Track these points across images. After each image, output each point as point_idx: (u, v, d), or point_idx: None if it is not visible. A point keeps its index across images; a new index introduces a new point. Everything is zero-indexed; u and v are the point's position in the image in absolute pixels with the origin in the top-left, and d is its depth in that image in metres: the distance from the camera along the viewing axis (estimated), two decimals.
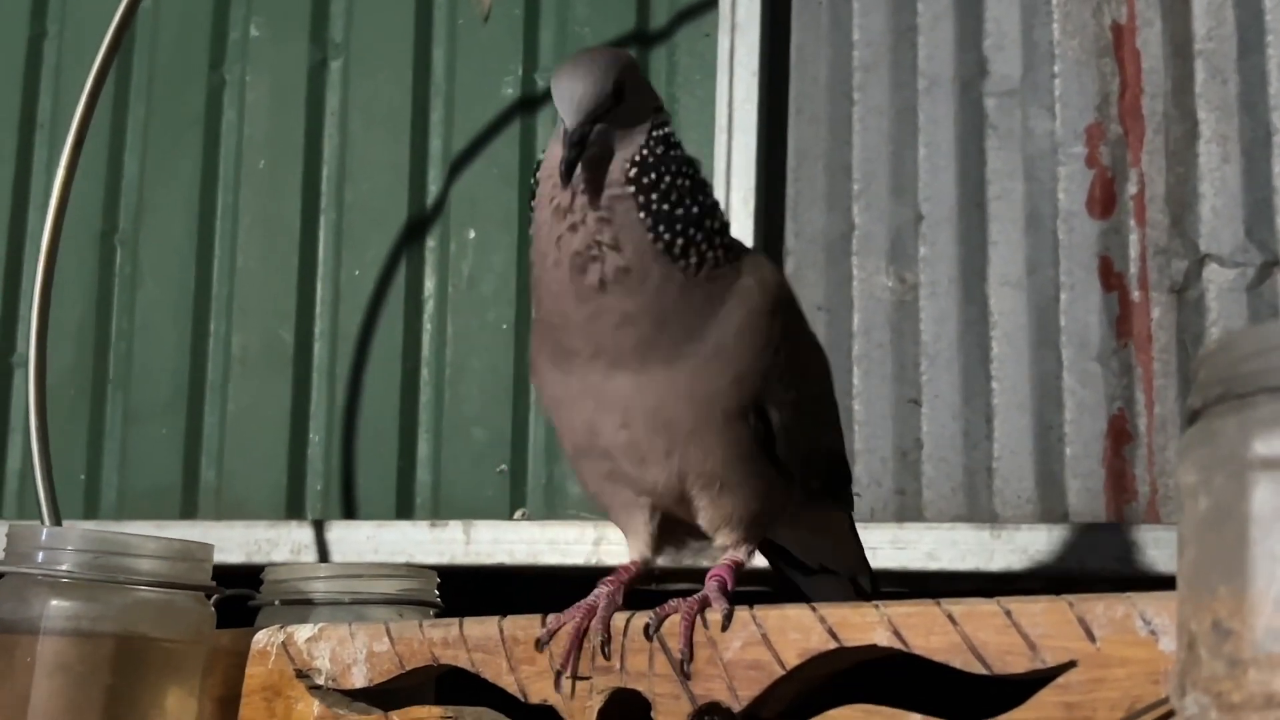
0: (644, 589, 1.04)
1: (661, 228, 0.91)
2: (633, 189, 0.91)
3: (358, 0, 1.93)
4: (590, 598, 0.97)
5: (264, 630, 1.11)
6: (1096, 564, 1.51)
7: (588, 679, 0.94)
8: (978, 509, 1.61)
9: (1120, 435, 1.58)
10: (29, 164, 2.02)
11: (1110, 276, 1.61)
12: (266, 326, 1.89)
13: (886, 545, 1.56)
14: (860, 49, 1.75)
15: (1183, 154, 1.60)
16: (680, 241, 0.92)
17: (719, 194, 1.68)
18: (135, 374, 1.93)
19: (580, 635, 0.94)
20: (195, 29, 1.98)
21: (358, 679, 1.05)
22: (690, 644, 0.89)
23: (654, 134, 0.93)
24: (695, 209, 0.93)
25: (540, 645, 0.95)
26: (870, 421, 1.66)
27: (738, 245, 0.98)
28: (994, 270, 1.65)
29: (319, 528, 1.75)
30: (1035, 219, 1.65)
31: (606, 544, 1.65)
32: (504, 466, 1.78)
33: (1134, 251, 1.61)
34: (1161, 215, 1.60)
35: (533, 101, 1.85)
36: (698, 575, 1.53)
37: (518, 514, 1.76)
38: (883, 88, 1.73)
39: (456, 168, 1.86)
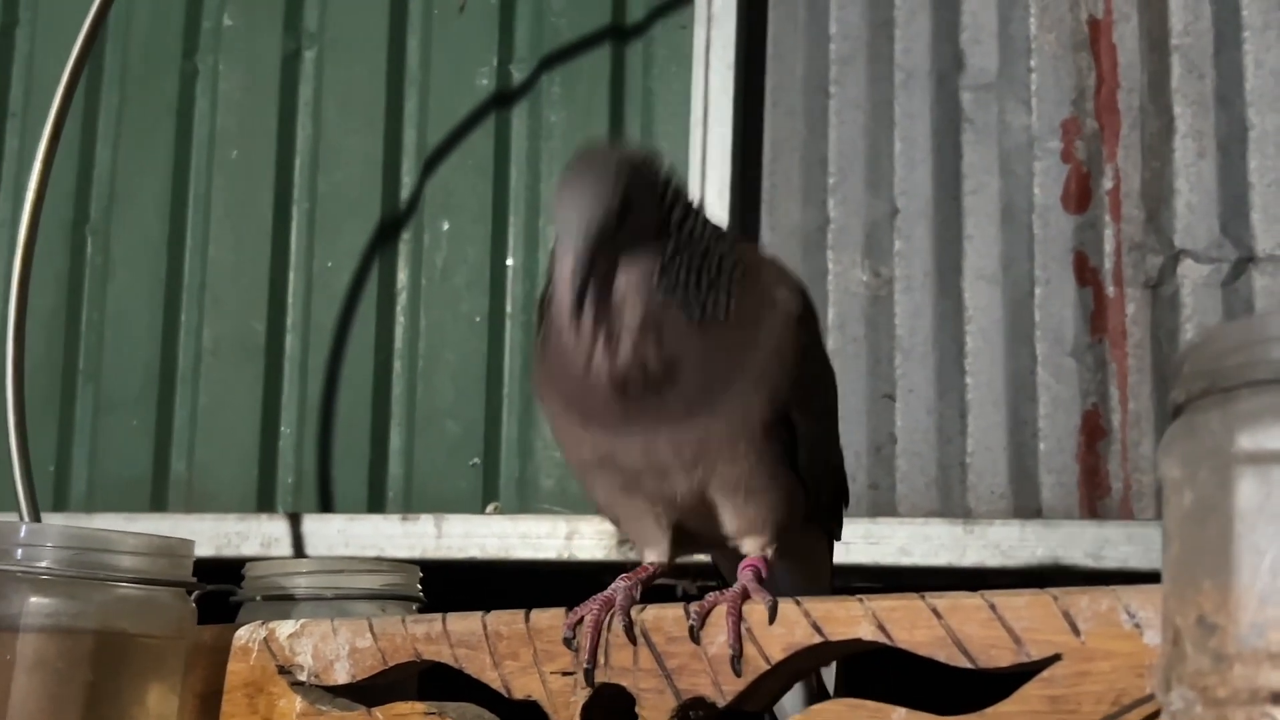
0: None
1: (695, 307, 0.88)
2: (663, 293, 0.88)
3: None
4: (608, 590, 0.95)
5: (246, 626, 1.10)
6: (1070, 560, 1.52)
7: (571, 674, 0.94)
8: (951, 504, 1.61)
9: (1094, 431, 1.59)
10: (0, 153, 2.01)
11: (1085, 272, 1.62)
12: (238, 318, 1.87)
13: (860, 540, 1.56)
14: (837, 42, 1.75)
15: (1158, 149, 1.61)
16: (712, 305, 0.89)
17: (694, 187, 1.68)
18: (106, 365, 1.91)
19: (599, 627, 0.93)
20: (168, 18, 1.96)
21: (340, 675, 1.04)
22: (739, 638, 0.87)
23: (670, 229, 0.89)
24: (720, 273, 0.90)
25: (569, 644, 0.94)
26: (844, 416, 1.65)
27: (736, 248, 0.94)
28: (969, 265, 1.66)
29: (290, 521, 1.74)
30: (1011, 213, 1.65)
31: (579, 538, 1.65)
32: (477, 460, 1.77)
33: (1109, 247, 1.62)
34: (1137, 210, 1.61)
35: (508, 94, 1.84)
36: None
37: (490, 507, 1.75)
38: (859, 81, 1.73)
39: (431, 160, 1.85)
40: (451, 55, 1.86)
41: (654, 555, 1.00)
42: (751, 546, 0.97)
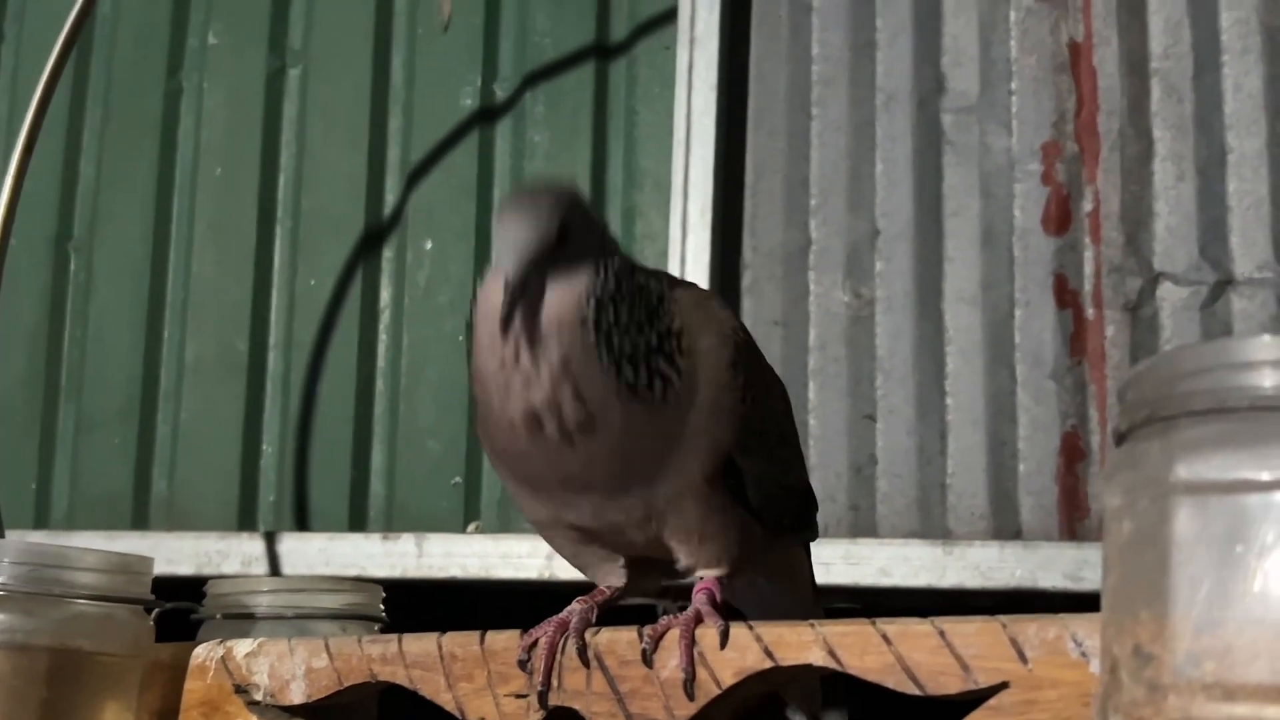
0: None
1: (624, 367, 0.86)
2: (593, 334, 0.85)
3: (317, 8, 1.92)
4: (564, 613, 0.95)
5: (203, 645, 1.10)
6: (1048, 581, 1.52)
7: (525, 697, 0.93)
8: (931, 525, 1.61)
9: (1073, 452, 1.59)
10: None
11: (1065, 294, 1.62)
12: (221, 335, 1.88)
13: (840, 561, 1.56)
14: (819, 64, 1.75)
15: (1138, 172, 1.61)
16: (645, 376, 0.87)
17: (676, 208, 1.68)
18: (87, 382, 1.91)
19: (554, 649, 0.93)
20: (153, 35, 1.97)
21: (296, 695, 1.04)
22: (692, 662, 0.87)
23: (603, 271, 0.87)
24: (654, 336, 0.88)
25: (523, 666, 0.93)
26: (825, 436, 1.66)
27: (676, 297, 0.93)
28: (950, 286, 1.66)
29: (270, 539, 1.74)
30: (991, 235, 1.65)
31: (559, 559, 1.64)
32: (458, 479, 1.77)
33: (1089, 269, 1.61)
34: (1116, 233, 1.61)
35: (491, 112, 1.84)
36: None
37: (471, 527, 1.75)
38: (841, 103, 1.73)
39: (414, 177, 1.86)
40: (435, 73, 1.87)
41: (613, 580, 1.00)
42: (707, 572, 0.96)
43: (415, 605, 1.35)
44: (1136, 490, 0.65)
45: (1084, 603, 1.49)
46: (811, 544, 1.16)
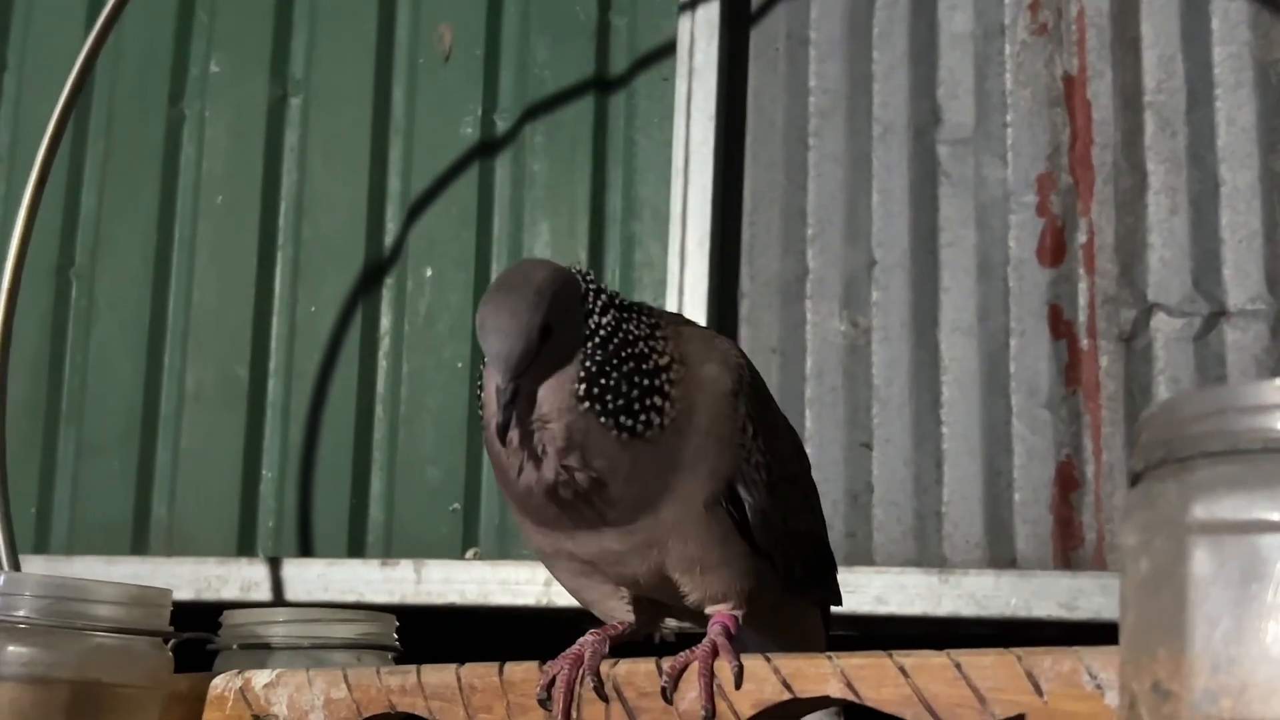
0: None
1: (624, 419, 0.90)
2: (587, 405, 0.89)
3: (319, 38, 1.94)
4: (576, 646, 0.96)
5: (222, 675, 1.11)
6: (1043, 610, 1.53)
7: None
8: (927, 553, 1.63)
9: (1068, 482, 1.60)
10: None
11: (1059, 324, 1.64)
12: (221, 362, 1.89)
13: None
14: (816, 96, 1.77)
15: (1132, 204, 1.63)
16: (643, 418, 0.91)
17: (674, 237, 1.70)
18: (89, 408, 1.92)
19: (572, 685, 0.94)
20: (156, 64, 1.98)
21: None
22: (712, 698, 0.89)
23: (588, 344, 0.91)
24: (646, 380, 0.92)
25: (544, 705, 0.95)
26: (822, 465, 1.68)
27: (672, 335, 0.96)
28: (945, 316, 1.68)
29: (270, 565, 1.75)
30: (986, 266, 1.67)
31: (557, 585, 1.65)
32: (457, 505, 1.78)
33: (1083, 300, 1.64)
34: (1110, 265, 1.63)
35: (492, 143, 1.86)
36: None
37: (470, 553, 1.76)
38: (838, 134, 1.75)
39: (415, 207, 1.87)
40: (436, 104, 1.89)
41: (621, 615, 1.01)
42: (718, 609, 0.98)
43: (414, 631, 1.36)
44: (1153, 529, 0.67)
45: (1078, 631, 1.52)
46: (831, 603, 1.16)
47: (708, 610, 0.97)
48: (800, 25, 1.79)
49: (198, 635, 1.14)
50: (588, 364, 0.90)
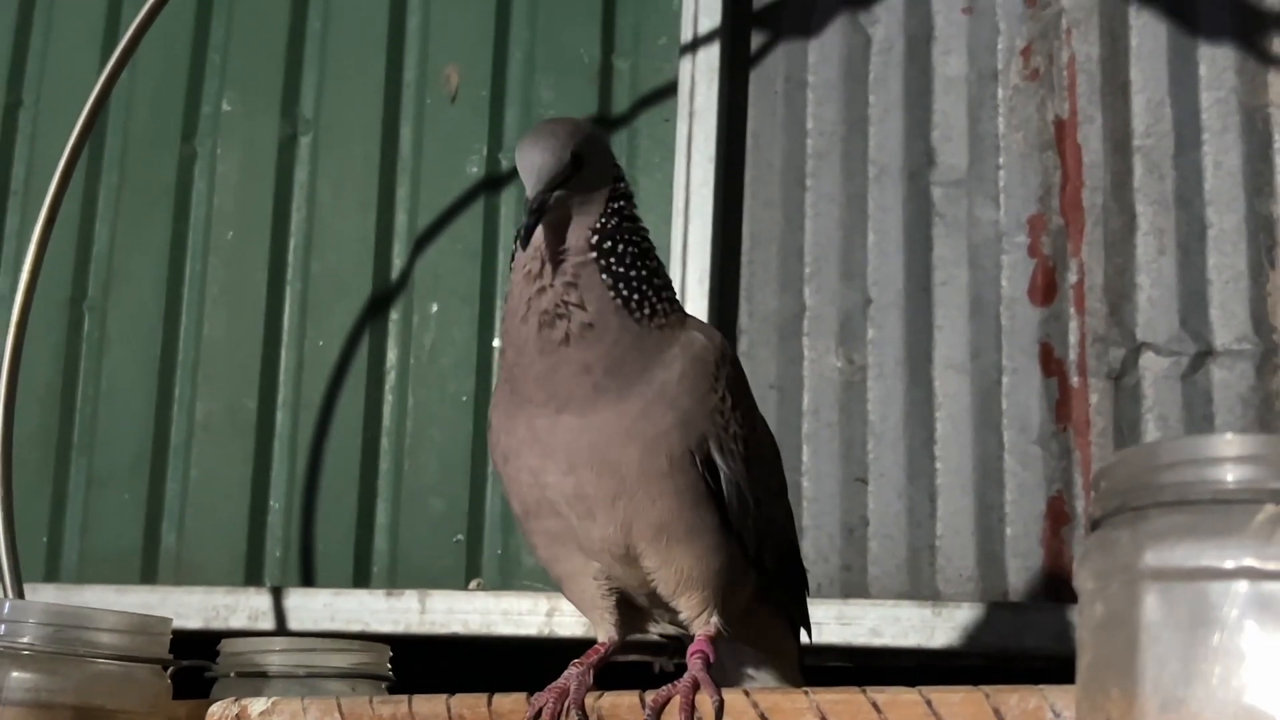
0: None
1: (620, 285, 0.99)
2: (594, 255, 0.99)
3: (328, 77, 1.97)
4: (561, 679, 1.00)
5: (219, 703, 1.14)
6: (1034, 643, 1.55)
7: None
8: (921, 586, 1.65)
9: (1059, 517, 1.63)
10: (1, 230, 2.06)
11: (1050, 362, 1.67)
12: (230, 394, 1.92)
13: (832, 621, 1.60)
14: (814, 137, 1.81)
15: (1121, 246, 1.66)
16: (635, 296, 1.00)
17: (675, 274, 1.73)
18: (99, 438, 1.95)
19: (557, 718, 0.97)
20: (168, 102, 2.02)
21: None
22: None
23: (611, 205, 1.02)
24: (645, 270, 1.01)
25: None
26: (818, 498, 1.70)
27: (681, 309, 1.05)
28: (939, 354, 1.70)
29: (276, 595, 1.77)
30: (979, 305, 1.70)
31: (559, 615, 1.68)
32: (460, 536, 1.81)
33: (1073, 339, 1.66)
34: (1100, 304, 1.66)
35: (497, 180, 1.89)
36: (647, 647, 1.58)
37: (473, 583, 1.78)
38: (835, 175, 1.79)
39: (421, 242, 1.90)
40: (443, 143, 1.92)
41: (604, 632, 1.05)
42: (691, 611, 1.01)
43: (417, 660, 1.39)
44: (1108, 575, 0.70)
45: (1069, 664, 1.53)
46: (802, 626, 1.19)
47: (681, 611, 1.01)
48: (799, 69, 1.83)
49: (196, 663, 1.17)
50: (604, 220, 1.00)
